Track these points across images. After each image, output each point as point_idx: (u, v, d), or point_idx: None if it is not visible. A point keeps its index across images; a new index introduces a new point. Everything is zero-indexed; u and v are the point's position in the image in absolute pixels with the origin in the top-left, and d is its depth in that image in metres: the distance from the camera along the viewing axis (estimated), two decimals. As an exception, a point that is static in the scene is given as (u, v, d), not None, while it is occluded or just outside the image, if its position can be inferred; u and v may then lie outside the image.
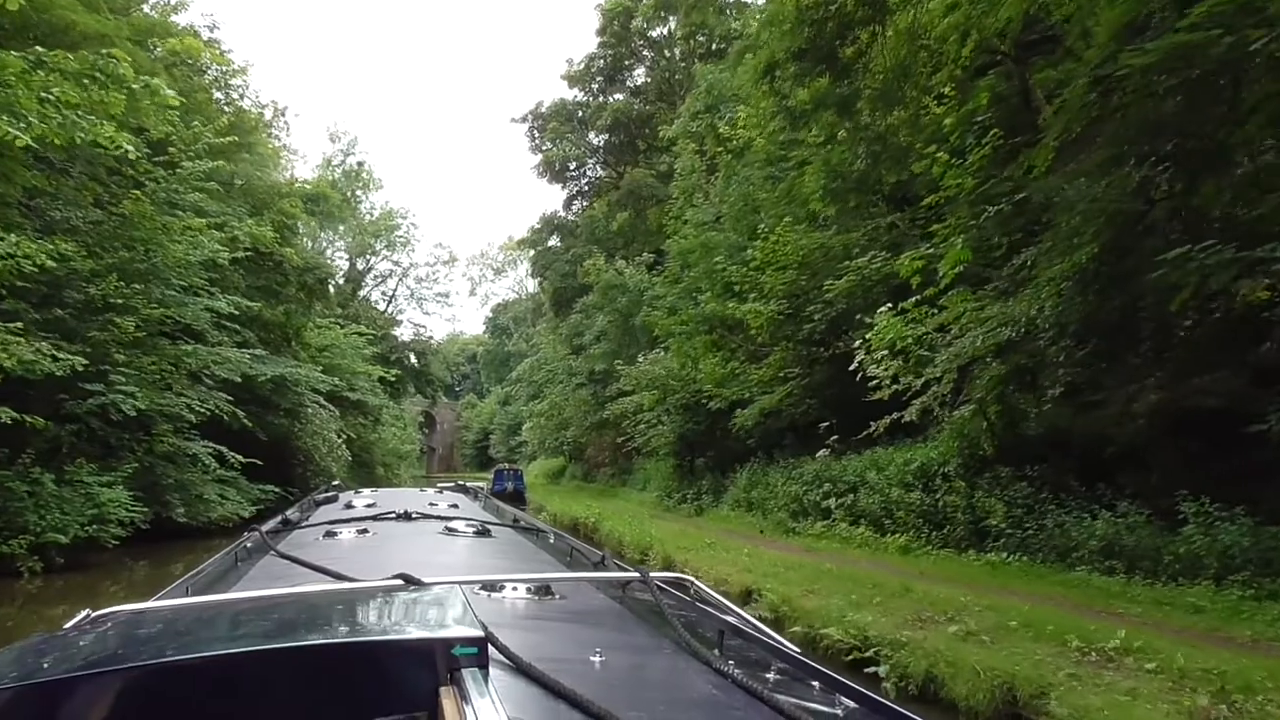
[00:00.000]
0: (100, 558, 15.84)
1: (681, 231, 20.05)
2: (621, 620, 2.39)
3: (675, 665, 1.85)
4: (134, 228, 16.09)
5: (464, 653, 1.41)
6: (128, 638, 1.71)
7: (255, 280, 25.90)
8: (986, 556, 10.26)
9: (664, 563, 12.81)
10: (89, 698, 1.29)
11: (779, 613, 8.86)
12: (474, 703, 1.28)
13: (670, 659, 1.89)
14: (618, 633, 2.23)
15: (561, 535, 4.43)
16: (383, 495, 6.06)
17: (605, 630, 2.24)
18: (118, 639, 1.71)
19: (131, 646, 1.58)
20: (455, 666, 1.40)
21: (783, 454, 18.30)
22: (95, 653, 1.58)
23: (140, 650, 1.52)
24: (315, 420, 28.94)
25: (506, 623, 1.98)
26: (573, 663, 1.69)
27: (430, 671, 1.41)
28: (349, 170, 47.19)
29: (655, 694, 1.72)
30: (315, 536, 3.82)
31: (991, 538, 10.62)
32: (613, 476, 34.39)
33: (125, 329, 15.04)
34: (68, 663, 1.46)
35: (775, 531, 15.21)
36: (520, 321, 75.29)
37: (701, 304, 19.14)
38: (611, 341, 30.13)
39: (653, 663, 1.92)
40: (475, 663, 1.41)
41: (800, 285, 15.67)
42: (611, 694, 1.45)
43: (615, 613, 2.47)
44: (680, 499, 22.02)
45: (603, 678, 1.69)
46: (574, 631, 2.19)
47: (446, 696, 1.35)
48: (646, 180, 33.21)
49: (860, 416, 15.79)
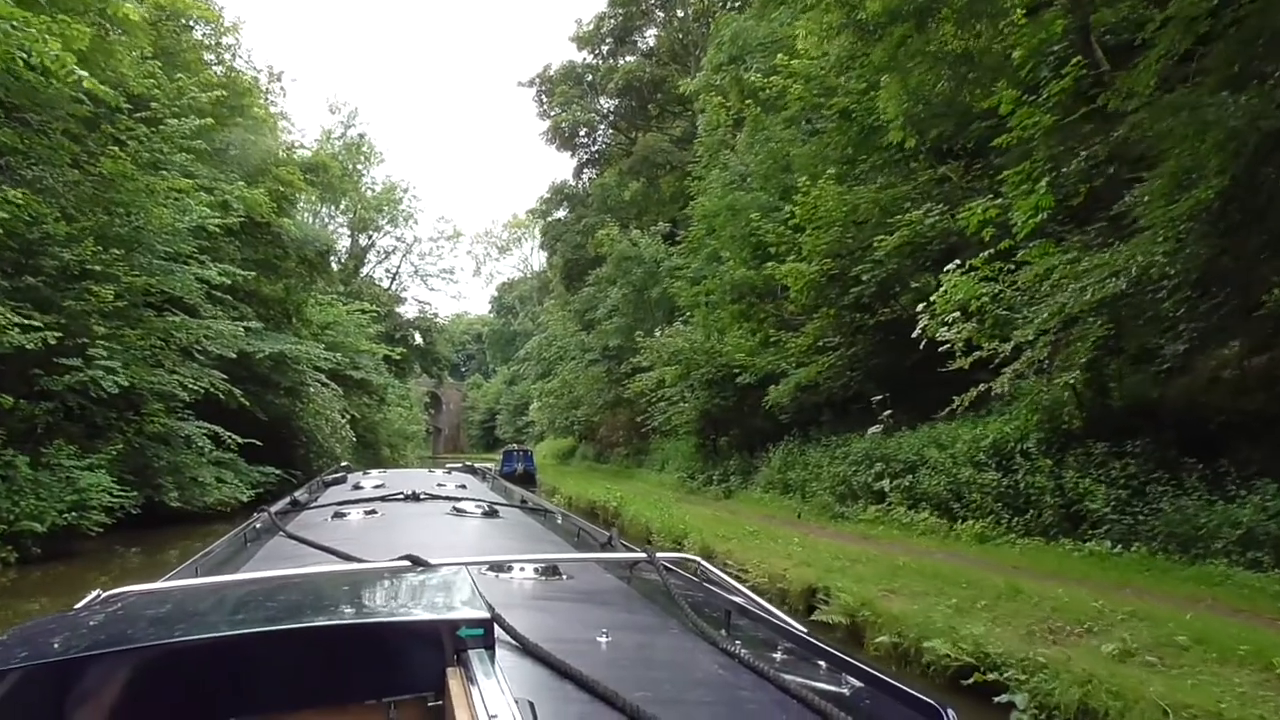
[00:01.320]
0: (85, 546, 14.58)
1: (707, 192, 18.52)
2: (628, 600, 2.39)
3: (682, 645, 1.84)
4: (114, 189, 14.63)
5: (470, 634, 1.43)
6: (138, 618, 1.71)
7: (252, 253, 24.53)
8: (1087, 546, 8.86)
9: (703, 554, 11.46)
10: (100, 677, 1.31)
11: (857, 619, 7.49)
12: (480, 683, 1.31)
13: (677, 639, 1.89)
14: (625, 613, 2.23)
15: (569, 516, 4.46)
16: (391, 476, 5.98)
17: (612, 610, 2.22)
18: (128, 619, 1.72)
19: (142, 627, 1.60)
20: (462, 648, 1.43)
21: (819, 431, 16.93)
22: (106, 633, 1.58)
23: (150, 630, 1.54)
24: (318, 399, 27.61)
25: (513, 603, 1.98)
26: (579, 643, 1.70)
27: (437, 652, 1.43)
28: (350, 143, 45.54)
29: (662, 674, 1.69)
30: (324, 517, 3.81)
31: (1089, 524, 9.23)
32: (627, 457, 33.02)
33: (104, 298, 13.62)
34: (79, 642, 1.46)
35: (819, 516, 13.85)
36: (526, 300, 74.91)
37: (728, 270, 17.65)
38: (626, 316, 28.67)
39: (660, 643, 1.91)
40: (481, 644, 1.44)
41: (846, 244, 14.19)
42: (618, 674, 1.46)
43: (622, 593, 2.46)
44: (705, 480, 20.66)
45: (610, 658, 1.69)
46: (581, 612, 2.17)
47: (453, 677, 1.38)
48: (660, 145, 31.56)
49: (915, 388, 14.43)
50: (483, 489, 5.64)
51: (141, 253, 14.91)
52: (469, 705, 1.28)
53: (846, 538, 11.56)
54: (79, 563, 14.22)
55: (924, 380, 14.70)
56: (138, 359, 16.77)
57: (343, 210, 48.38)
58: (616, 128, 37.20)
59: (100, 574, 13.87)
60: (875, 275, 13.77)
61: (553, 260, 43.14)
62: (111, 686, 1.31)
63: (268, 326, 25.58)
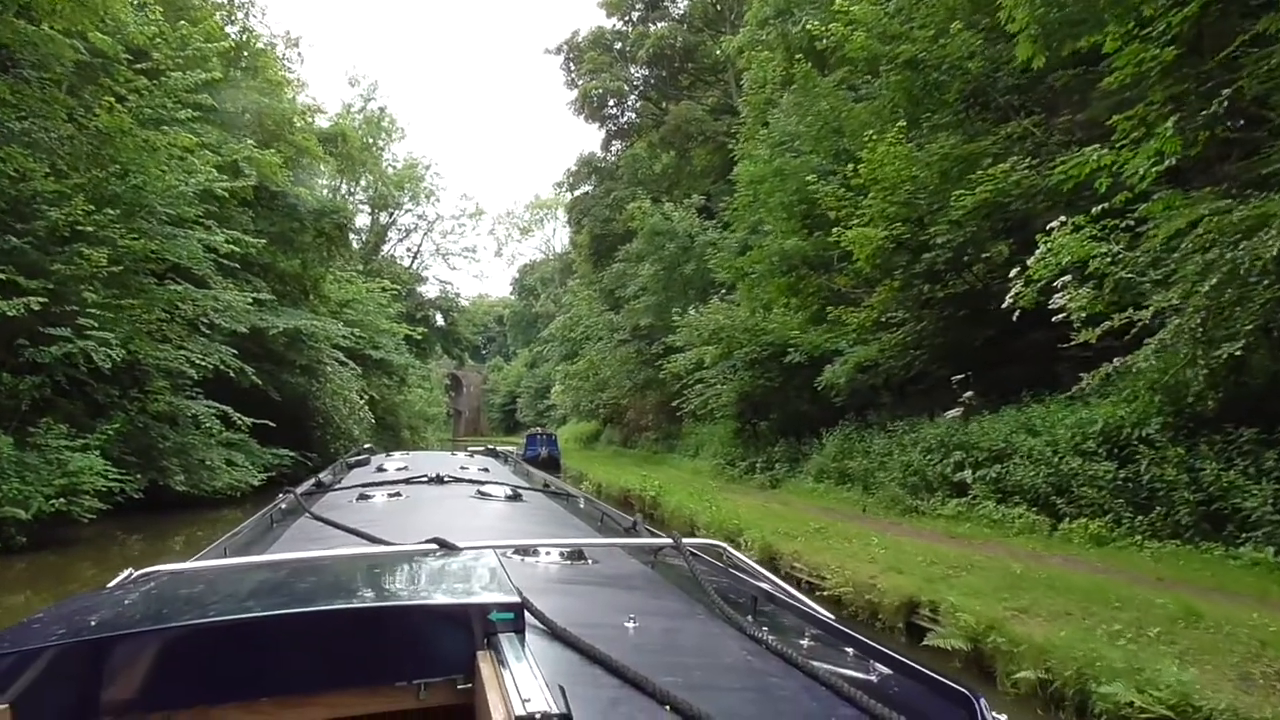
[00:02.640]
0: (80, 533, 13.42)
1: (752, 156, 16.96)
2: (655, 586, 2.38)
3: (709, 631, 1.83)
4: (111, 145, 13.31)
5: (500, 618, 1.45)
6: (170, 597, 1.74)
7: (267, 225, 23.28)
8: (1243, 553, 7.36)
9: (767, 556, 10.04)
10: (134, 655, 1.32)
11: (984, 646, 6.03)
12: (511, 667, 1.31)
13: (704, 624, 1.88)
14: (651, 598, 2.21)
15: (592, 500, 4.48)
16: (414, 458, 5.98)
17: (639, 595, 2.22)
18: (160, 598, 1.74)
19: (174, 606, 1.62)
20: (491, 631, 1.44)
21: (878, 415, 15.44)
22: (140, 611, 1.60)
23: (182, 610, 1.56)
24: (335, 379, 26.38)
25: (540, 587, 1.95)
26: (607, 628, 1.69)
27: (467, 636, 1.44)
28: (369, 116, 44.13)
29: (689, 659, 1.67)
30: (349, 499, 3.83)
31: (1239, 525, 7.71)
32: (656, 441, 31.55)
33: (96, 262, 12.30)
34: (114, 621, 1.48)
35: (887, 510, 12.38)
36: (548, 282, 74.35)
37: (776, 240, 16.10)
38: (658, 293, 27.16)
39: (686, 628, 1.90)
40: (511, 627, 1.45)
41: (916, 206, 12.62)
42: (646, 659, 1.45)
43: (648, 578, 2.45)
44: (747, 468, 19.19)
45: (637, 643, 1.68)
46: (608, 596, 2.16)
47: (484, 660, 1.39)
48: (694, 114, 29.85)
49: (990, 367, 12.93)
50: (505, 472, 5.62)
51: (141, 216, 13.57)
52: (501, 688, 1.27)
53: (929, 536, 10.09)
54: (73, 551, 13.04)
55: (1000, 358, 13.20)
56: (141, 332, 15.62)
57: (363, 188, 47.19)
58: (647, 98, 35.45)
59: (92, 565, 12.70)
60: (951, 240, 12.21)
61: (577, 239, 41.65)
62: (146, 664, 1.32)
63: (283, 303, 24.38)
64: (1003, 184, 11.70)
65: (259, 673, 1.37)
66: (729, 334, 18.24)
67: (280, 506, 3.67)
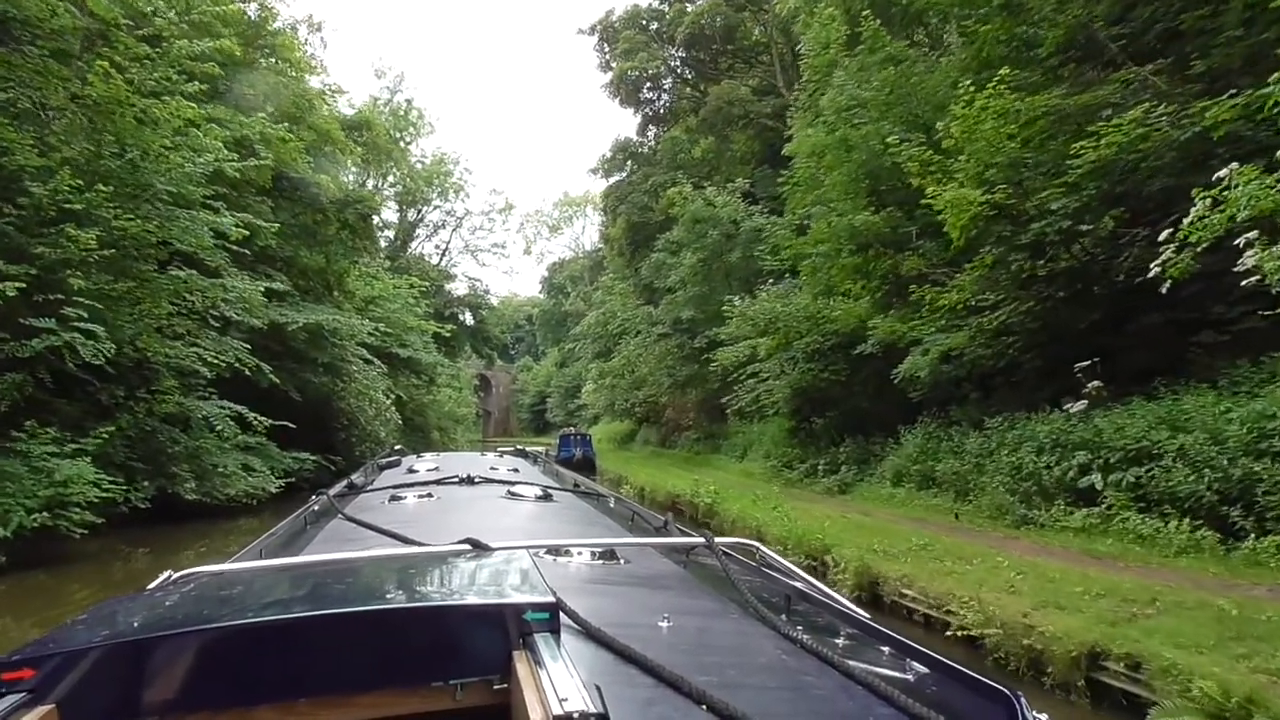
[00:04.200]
0: (78, 549, 12.02)
1: (821, 118, 15.15)
2: (687, 585, 2.35)
3: (743, 630, 1.80)
4: (106, 117, 11.87)
5: (536, 618, 1.42)
6: (210, 599, 1.75)
7: (288, 216, 21.93)
8: None
9: (865, 579, 8.31)
10: (176, 655, 1.32)
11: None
12: (548, 666, 1.28)
13: (738, 624, 1.85)
14: (685, 597, 2.18)
15: (622, 500, 4.44)
16: (444, 459, 6.07)
17: (672, 595, 2.19)
18: (200, 600, 1.75)
19: (214, 607, 1.62)
20: (527, 631, 1.42)
21: (963, 411, 13.65)
22: (182, 612, 1.61)
23: (223, 611, 1.54)
24: (360, 378, 24.94)
25: (573, 587, 1.93)
26: (641, 627, 1.68)
27: (503, 636, 1.42)
28: (396, 109, 42.87)
29: (724, 659, 1.64)
30: (381, 500, 3.84)
31: None
32: (698, 441, 29.80)
33: (84, 243, 10.84)
34: (156, 622, 1.51)
35: (991, 520, 10.60)
36: (577, 280, 73.40)
37: (845, 215, 14.32)
38: (699, 284, 25.42)
39: (720, 627, 1.87)
40: (547, 627, 1.43)
41: (1024, 167, 10.81)
42: (680, 659, 1.43)
43: (681, 577, 2.43)
44: (807, 470, 17.41)
45: (671, 642, 1.66)
46: (641, 596, 2.13)
47: (520, 660, 1.37)
48: (736, 94, 28.04)
49: (1111, 354, 11.10)
50: (535, 472, 5.58)
51: (142, 196, 12.10)
52: (538, 688, 1.25)
53: (1064, 555, 8.29)
54: (68, 570, 11.62)
55: (1114, 344, 11.40)
56: (151, 328, 14.26)
57: (390, 184, 45.98)
58: (685, 80, 33.70)
59: (84, 585, 11.26)
60: (1067, 205, 10.39)
61: (610, 232, 40.01)
62: (187, 664, 1.31)
63: (306, 299, 23.02)
64: (1130, 137, 9.88)
65: (298, 673, 1.37)
66: (786, 323, 16.50)
67: (314, 508, 3.69)
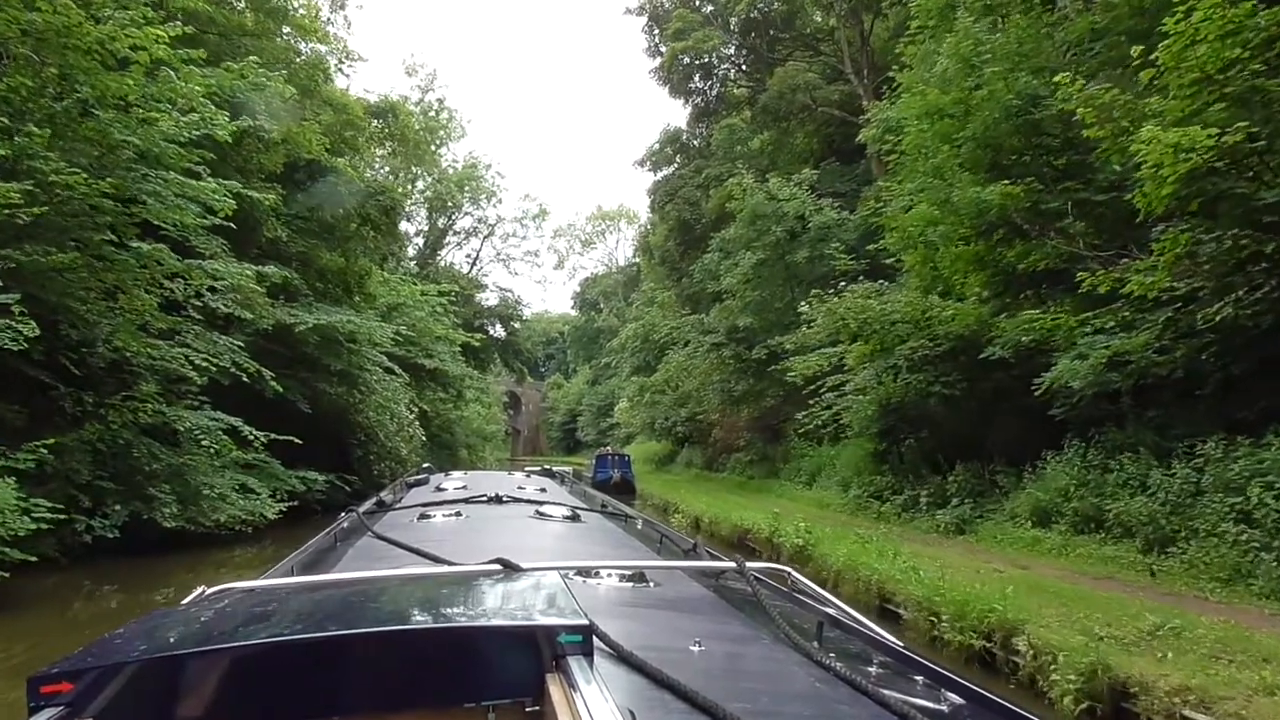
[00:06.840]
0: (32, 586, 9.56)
1: (929, 82, 12.41)
2: (718, 610, 2.33)
3: (775, 656, 1.79)
4: (49, 47, 9.41)
5: (569, 640, 1.40)
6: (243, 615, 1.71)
7: (302, 209, 19.57)
8: None
9: (1114, 689, 5.43)
10: (210, 672, 1.32)
11: None
12: (582, 690, 1.27)
13: (770, 650, 1.84)
14: (716, 622, 2.17)
15: (650, 521, 4.39)
16: (472, 478, 6.06)
17: (703, 619, 2.17)
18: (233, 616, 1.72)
19: (247, 624, 1.59)
20: (560, 654, 1.40)
21: (1123, 434, 10.72)
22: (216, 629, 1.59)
23: (256, 628, 1.53)
24: (381, 390, 22.34)
25: (603, 610, 1.92)
26: (672, 652, 1.66)
27: (536, 658, 1.41)
28: (427, 108, 40.77)
29: (757, 685, 1.62)
30: (410, 518, 3.83)
31: None
32: (751, 464, 26.77)
33: (4, 196, 8.31)
34: (190, 638, 1.50)
35: (1221, 584, 7.64)
36: (610, 296, 71.22)
37: (971, 189, 11.49)
38: (760, 286, 22.64)
39: (752, 653, 1.86)
40: (580, 650, 1.40)
41: (1259, 101, 7.96)
42: (712, 684, 1.41)
43: (711, 602, 2.41)
44: (906, 503, 14.45)
45: (703, 667, 1.64)
46: (672, 620, 2.13)
47: (553, 684, 1.35)
48: (801, 80, 25.31)
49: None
50: (562, 492, 5.59)
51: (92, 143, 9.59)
52: (572, 712, 1.24)
53: None
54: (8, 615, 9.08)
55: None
56: (131, 325, 11.88)
57: (420, 190, 43.87)
58: (740, 69, 31.02)
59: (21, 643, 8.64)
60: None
61: (651, 239, 37.42)
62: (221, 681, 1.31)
63: (322, 300, 20.58)
64: None
65: (331, 692, 1.36)
66: (883, 325, 13.65)
67: (343, 525, 3.67)
